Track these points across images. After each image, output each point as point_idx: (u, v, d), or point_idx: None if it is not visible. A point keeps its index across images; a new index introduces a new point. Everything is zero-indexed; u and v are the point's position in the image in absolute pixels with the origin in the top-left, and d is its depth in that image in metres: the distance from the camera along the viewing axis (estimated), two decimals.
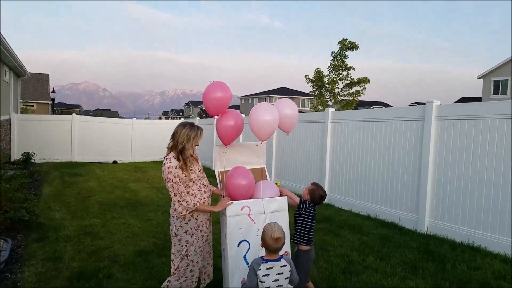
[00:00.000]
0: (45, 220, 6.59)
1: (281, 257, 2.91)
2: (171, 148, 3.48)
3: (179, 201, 3.36)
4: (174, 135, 3.47)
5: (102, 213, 7.37)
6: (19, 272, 4.55)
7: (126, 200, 8.67)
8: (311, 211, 3.74)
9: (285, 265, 2.87)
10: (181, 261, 3.49)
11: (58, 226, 6.38)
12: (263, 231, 2.94)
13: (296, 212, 3.82)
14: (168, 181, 3.35)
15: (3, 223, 5.93)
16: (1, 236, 5.47)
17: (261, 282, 2.78)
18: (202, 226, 3.55)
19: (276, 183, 4.00)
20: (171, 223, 3.53)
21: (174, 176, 3.34)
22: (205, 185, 3.62)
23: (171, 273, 3.55)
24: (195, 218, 3.48)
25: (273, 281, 2.81)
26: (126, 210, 7.69)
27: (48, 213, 7.21)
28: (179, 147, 3.41)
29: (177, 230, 3.46)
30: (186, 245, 3.47)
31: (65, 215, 7.16)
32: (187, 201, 3.37)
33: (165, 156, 3.47)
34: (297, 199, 3.80)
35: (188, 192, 3.44)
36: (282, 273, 2.85)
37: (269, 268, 2.82)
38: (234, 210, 3.54)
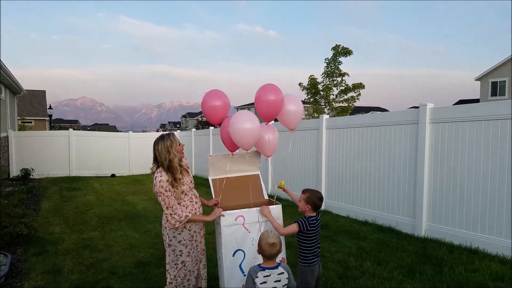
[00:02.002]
0: (44, 234, 6.62)
1: (279, 264, 2.94)
2: (158, 165, 3.46)
3: (171, 214, 3.37)
4: (155, 156, 3.44)
5: (101, 226, 7.39)
6: (19, 286, 4.57)
7: (124, 212, 8.69)
8: (314, 228, 3.39)
9: (282, 273, 2.89)
10: (178, 271, 3.51)
11: (57, 240, 6.39)
12: (259, 238, 2.98)
13: (298, 234, 3.45)
14: (159, 195, 3.35)
15: (2, 238, 5.95)
16: (1, 251, 5.48)
17: None
18: (196, 236, 3.57)
19: (280, 183, 3.98)
20: (164, 234, 3.54)
21: (166, 190, 3.35)
22: (196, 196, 3.64)
23: (168, 283, 3.57)
24: (188, 229, 3.49)
25: None
26: (124, 223, 7.71)
27: (47, 228, 7.23)
28: (166, 163, 3.38)
29: (171, 240, 3.48)
30: (180, 255, 3.49)
31: (64, 229, 7.17)
32: (179, 214, 3.38)
33: (154, 171, 3.46)
34: (294, 226, 3.38)
35: (179, 203, 3.45)
36: (279, 281, 2.86)
37: (267, 276, 2.83)
38: (228, 220, 3.56)
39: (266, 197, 4.16)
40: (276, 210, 3.75)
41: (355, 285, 4.49)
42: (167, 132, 3.52)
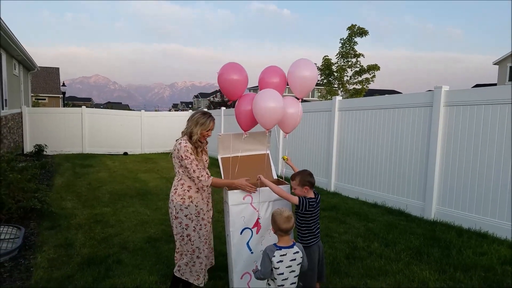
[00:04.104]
0: (57, 209, 6.75)
1: (294, 244, 2.97)
2: (184, 133, 3.56)
3: (198, 177, 3.42)
4: (188, 120, 3.56)
5: (113, 202, 7.52)
6: (32, 258, 4.69)
7: (136, 190, 8.80)
8: (311, 209, 3.36)
9: (297, 252, 2.94)
10: (185, 245, 3.55)
11: (70, 215, 6.53)
12: (273, 215, 3.00)
13: (296, 212, 3.45)
14: (185, 159, 3.39)
15: (16, 212, 6.09)
16: (15, 224, 5.61)
17: (275, 268, 2.84)
18: (204, 214, 3.59)
19: (283, 158, 4.02)
20: (171, 207, 3.58)
21: (191, 154, 3.42)
22: (208, 175, 3.67)
23: (178, 257, 3.62)
24: (195, 205, 3.52)
25: (286, 267, 2.87)
26: (136, 200, 7.82)
27: (60, 203, 7.37)
28: (188, 131, 3.49)
29: (177, 213, 3.51)
30: (186, 229, 3.52)
31: (76, 204, 7.31)
32: (205, 177, 3.46)
33: (177, 140, 3.55)
34: (296, 199, 3.36)
35: None
36: (295, 259, 2.91)
37: (283, 255, 2.87)
38: (236, 199, 3.57)
39: (275, 176, 4.17)
40: (284, 189, 3.76)
41: (362, 265, 4.52)
42: (210, 114, 3.57)
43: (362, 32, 24.17)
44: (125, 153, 16.57)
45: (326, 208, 7.11)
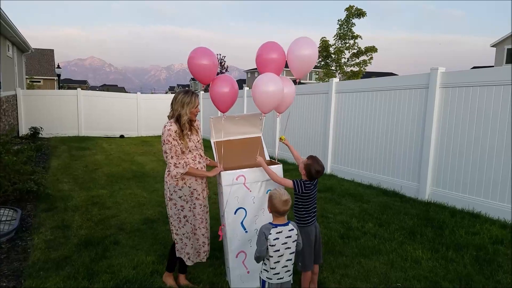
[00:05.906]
0: (53, 191, 6.78)
1: (289, 222, 3.02)
2: (170, 117, 3.53)
3: (175, 164, 3.42)
4: (171, 104, 3.52)
5: (109, 185, 7.54)
6: (29, 239, 4.72)
7: (132, 172, 8.83)
8: (308, 191, 3.40)
9: (292, 229, 2.98)
10: (183, 226, 3.57)
11: (66, 197, 6.55)
12: (271, 196, 3.02)
13: (295, 194, 3.47)
14: (166, 143, 3.39)
15: (12, 194, 6.11)
16: (11, 206, 5.64)
17: (271, 245, 2.89)
18: (198, 194, 3.59)
19: (280, 138, 4.02)
20: (165, 189, 3.59)
21: (173, 139, 3.39)
22: (201, 156, 3.65)
23: (173, 237, 3.64)
24: (188, 186, 3.52)
25: (282, 244, 2.92)
26: (133, 182, 7.85)
27: (57, 185, 7.39)
28: (176, 114, 3.45)
29: (171, 194, 3.53)
30: (182, 210, 3.55)
31: (73, 187, 7.33)
32: (182, 165, 3.44)
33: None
34: (290, 182, 3.43)
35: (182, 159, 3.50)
36: (290, 237, 2.95)
37: (279, 232, 2.92)
38: (229, 180, 3.59)
39: (267, 158, 4.19)
40: (277, 169, 3.78)
41: (356, 244, 4.58)
42: (193, 90, 3.54)
43: (360, 14, 23.89)
44: (122, 136, 16.55)
45: (322, 189, 7.16)
